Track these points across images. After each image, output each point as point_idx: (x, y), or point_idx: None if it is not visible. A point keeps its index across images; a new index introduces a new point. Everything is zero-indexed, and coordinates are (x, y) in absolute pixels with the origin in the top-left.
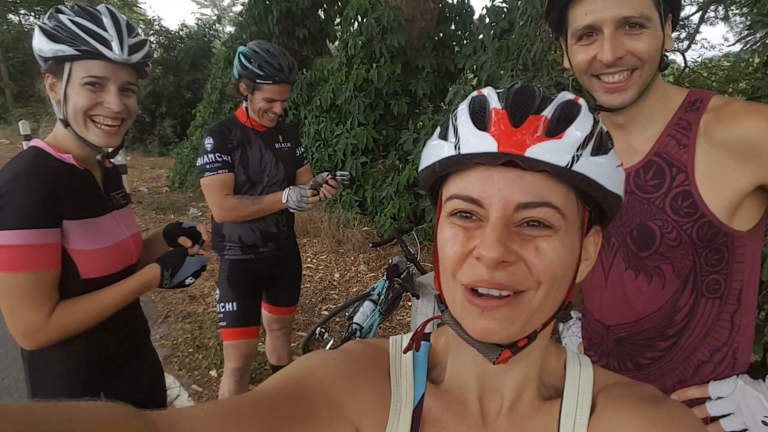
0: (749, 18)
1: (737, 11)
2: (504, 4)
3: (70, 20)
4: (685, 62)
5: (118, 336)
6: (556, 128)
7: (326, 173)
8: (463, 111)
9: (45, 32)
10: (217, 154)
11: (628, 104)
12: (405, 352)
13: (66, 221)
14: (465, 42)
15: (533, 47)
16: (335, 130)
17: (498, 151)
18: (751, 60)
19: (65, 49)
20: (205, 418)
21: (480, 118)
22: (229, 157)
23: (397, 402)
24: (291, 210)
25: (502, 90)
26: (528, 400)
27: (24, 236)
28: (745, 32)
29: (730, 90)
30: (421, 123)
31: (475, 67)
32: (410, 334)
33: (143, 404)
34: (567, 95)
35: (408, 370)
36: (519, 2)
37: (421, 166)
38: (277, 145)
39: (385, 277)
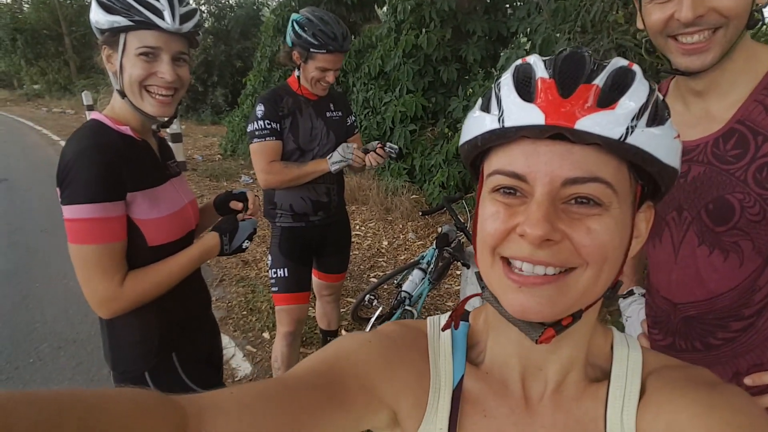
0: None
1: None
2: None
3: None
4: (763, 19)
5: (184, 303)
6: (608, 98)
7: (376, 142)
8: (506, 81)
9: (101, 4)
10: (266, 121)
11: (708, 67)
12: (443, 329)
13: (130, 193)
14: (518, 4)
15: (593, 8)
16: (384, 97)
17: (545, 124)
18: None
19: (120, 20)
20: (235, 403)
21: (525, 88)
22: (278, 124)
23: (436, 384)
24: (334, 167)
25: (548, 58)
26: (573, 382)
27: (91, 210)
28: None
29: None
30: (471, 90)
31: (528, 30)
32: (448, 314)
33: (206, 364)
34: (620, 61)
35: (447, 351)
36: None
37: (462, 140)
38: (328, 114)
39: (434, 246)
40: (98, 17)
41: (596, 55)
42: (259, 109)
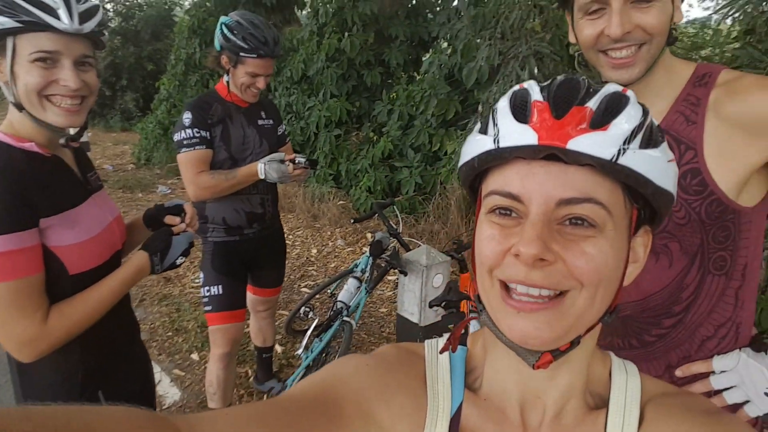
0: None
1: None
2: None
3: None
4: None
5: (112, 333)
6: (601, 120)
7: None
8: (503, 104)
9: None
10: (194, 130)
11: (635, 80)
12: (441, 352)
13: (44, 219)
14: (438, 9)
15: (511, 15)
16: (307, 102)
17: (538, 144)
18: (718, 26)
19: (4, 22)
20: (227, 424)
21: (521, 111)
22: (207, 133)
23: (434, 410)
24: (270, 181)
25: (544, 83)
26: (572, 410)
27: (0, 243)
28: (717, 2)
29: (695, 57)
30: (395, 94)
31: (449, 35)
32: (446, 337)
33: (138, 398)
34: (613, 86)
35: (445, 376)
36: None
37: (460, 162)
38: (260, 122)
39: (368, 254)
40: None
41: (516, 60)
42: (187, 117)
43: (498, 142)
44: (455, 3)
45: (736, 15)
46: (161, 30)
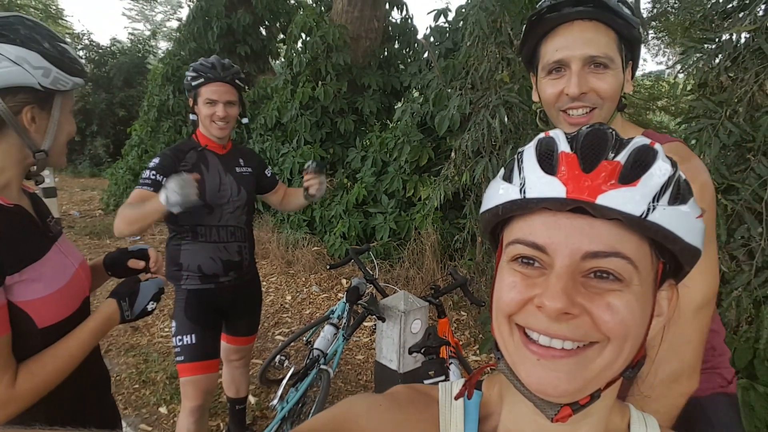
0: (677, 43)
1: (654, 35)
2: (446, 25)
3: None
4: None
5: (80, 387)
6: (630, 175)
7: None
8: (529, 153)
9: (65, 66)
10: (152, 172)
11: None
12: (456, 398)
13: (9, 276)
14: (410, 60)
15: (481, 67)
16: (281, 148)
17: (566, 198)
18: (674, 79)
19: (80, 81)
20: None
21: (547, 161)
22: (164, 178)
23: None
24: (175, 208)
25: (571, 133)
26: None
27: None
28: (668, 57)
29: (653, 107)
30: (368, 141)
31: (421, 85)
32: (461, 381)
33: None
34: (642, 140)
35: (458, 422)
36: (465, 23)
37: (483, 209)
38: (238, 169)
39: (345, 300)
40: (61, 77)
41: (486, 109)
42: (154, 160)
43: (524, 193)
44: (426, 55)
45: (690, 69)
46: (134, 77)
